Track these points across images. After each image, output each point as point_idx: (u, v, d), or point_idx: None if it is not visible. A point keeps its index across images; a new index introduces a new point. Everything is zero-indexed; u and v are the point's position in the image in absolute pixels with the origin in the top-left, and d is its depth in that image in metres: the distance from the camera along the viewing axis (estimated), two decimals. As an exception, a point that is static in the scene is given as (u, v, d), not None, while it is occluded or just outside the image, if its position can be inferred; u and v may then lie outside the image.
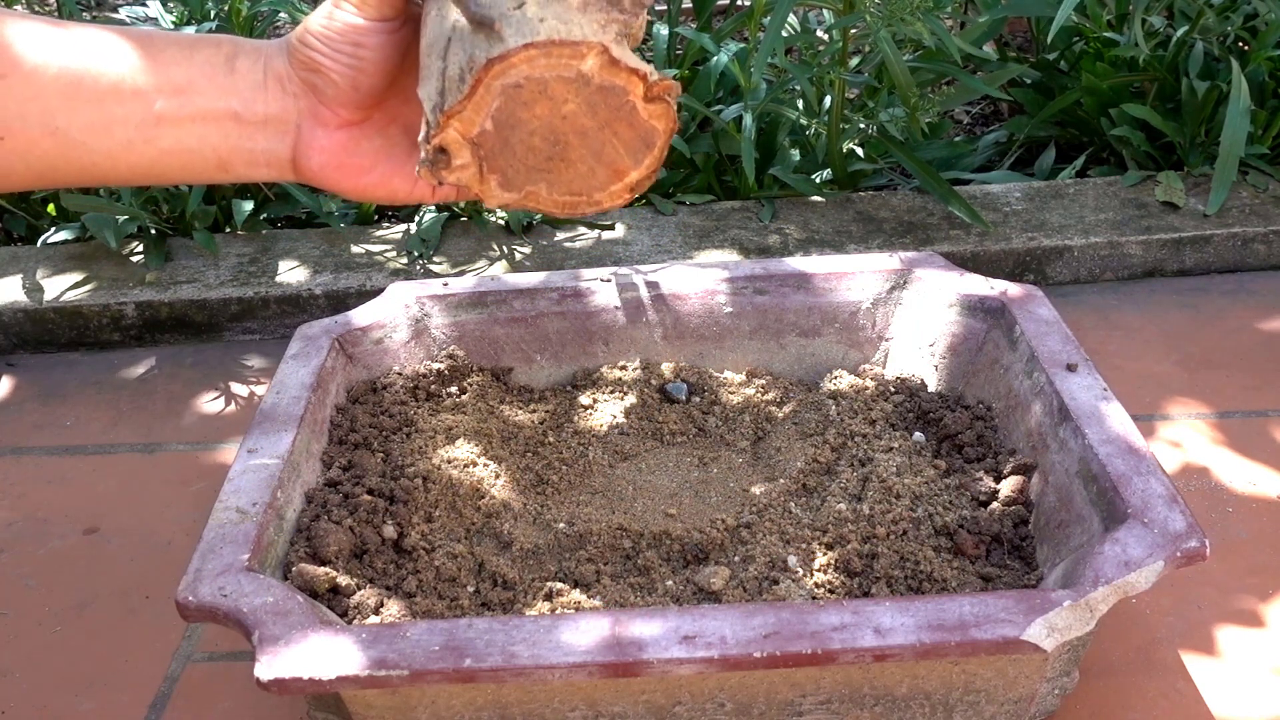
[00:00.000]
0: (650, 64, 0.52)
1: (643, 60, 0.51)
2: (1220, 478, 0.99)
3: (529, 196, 0.54)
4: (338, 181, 0.59)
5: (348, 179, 0.59)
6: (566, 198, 0.54)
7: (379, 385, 0.97)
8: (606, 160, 0.53)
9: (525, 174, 0.53)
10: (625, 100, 0.51)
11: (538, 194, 0.54)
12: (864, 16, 1.27)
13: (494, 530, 0.86)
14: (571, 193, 0.54)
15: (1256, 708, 0.78)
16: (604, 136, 0.52)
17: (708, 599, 0.78)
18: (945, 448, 0.91)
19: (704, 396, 1.00)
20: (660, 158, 0.54)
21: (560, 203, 0.54)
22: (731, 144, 1.46)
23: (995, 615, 0.64)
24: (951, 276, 0.99)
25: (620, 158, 0.53)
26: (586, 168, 0.53)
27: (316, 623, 0.66)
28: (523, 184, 0.53)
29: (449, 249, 1.36)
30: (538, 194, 0.54)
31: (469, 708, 0.68)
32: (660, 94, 0.52)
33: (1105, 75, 1.50)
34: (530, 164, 0.53)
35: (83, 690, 0.84)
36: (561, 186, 0.54)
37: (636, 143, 0.53)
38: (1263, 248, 1.33)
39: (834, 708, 0.69)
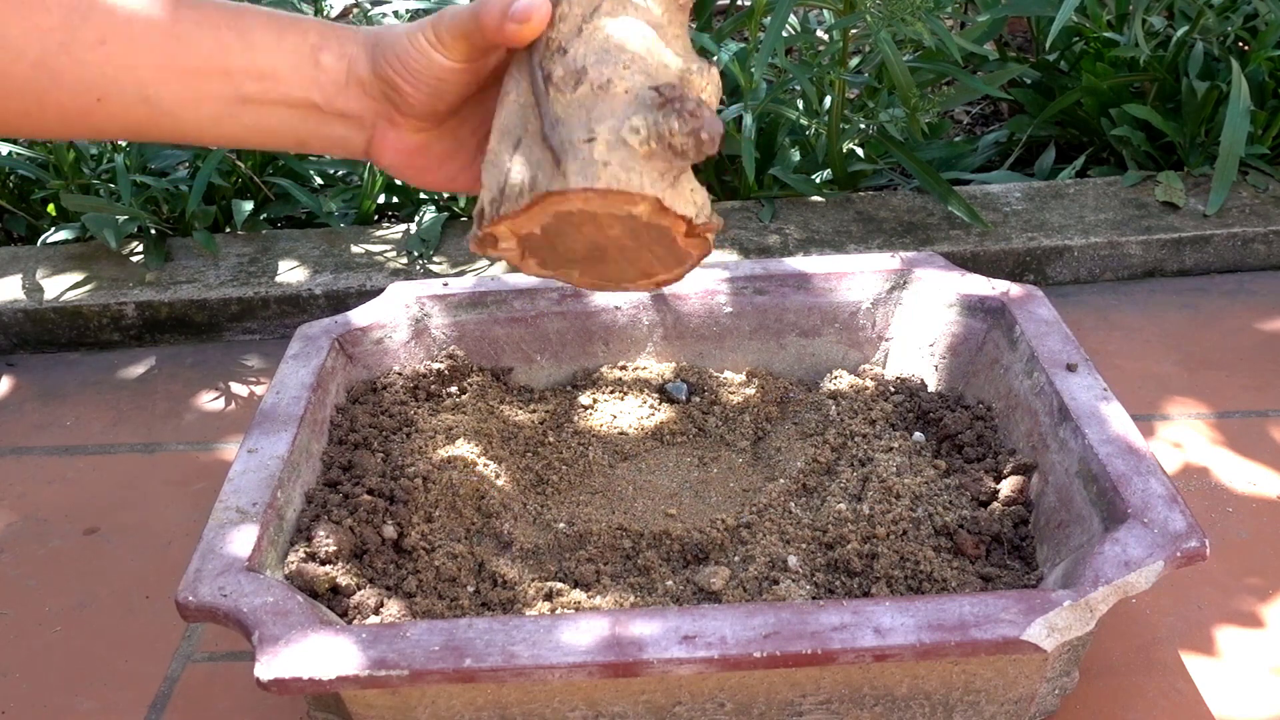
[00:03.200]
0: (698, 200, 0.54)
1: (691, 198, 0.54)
2: (1220, 478, 0.99)
3: (561, 274, 0.58)
4: (405, 175, 0.62)
5: (416, 175, 0.62)
6: (596, 281, 0.59)
7: (379, 385, 0.97)
8: (640, 266, 0.57)
9: (563, 263, 0.57)
10: (667, 233, 0.54)
11: (569, 275, 0.58)
12: (864, 17, 1.27)
13: (494, 530, 0.86)
14: (601, 279, 0.59)
15: (1256, 708, 0.78)
16: (641, 252, 0.56)
17: (708, 599, 0.78)
18: (945, 448, 0.91)
19: (704, 396, 1.00)
20: (690, 269, 0.58)
21: (589, 283, 0.59)
22: (731, 144, 1.46)
23: (995, 615, 0.64)
24: (951, 276, 0.99)
25: (653, 266, 0.57)
26: (618, 269, 0.57)
27: (316, 623, 0.66)
28: (558, 267, 0.57)
29: (449, 249, 1.36)
30: (569, 275, 0.58)
31: (469, 708, 0.68)
32: (702, 233, 0.54)
33: (1105, 75, 1.50)
34: (568, 257, 0.56)
35: (83, 690, 0.84)
36: (594, 275, 0.58)
37: (670, 259, 0.57)
38: (1263, 248, 1.33)
39: (834, 708, 0.69)
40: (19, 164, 1.42)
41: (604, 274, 0.58)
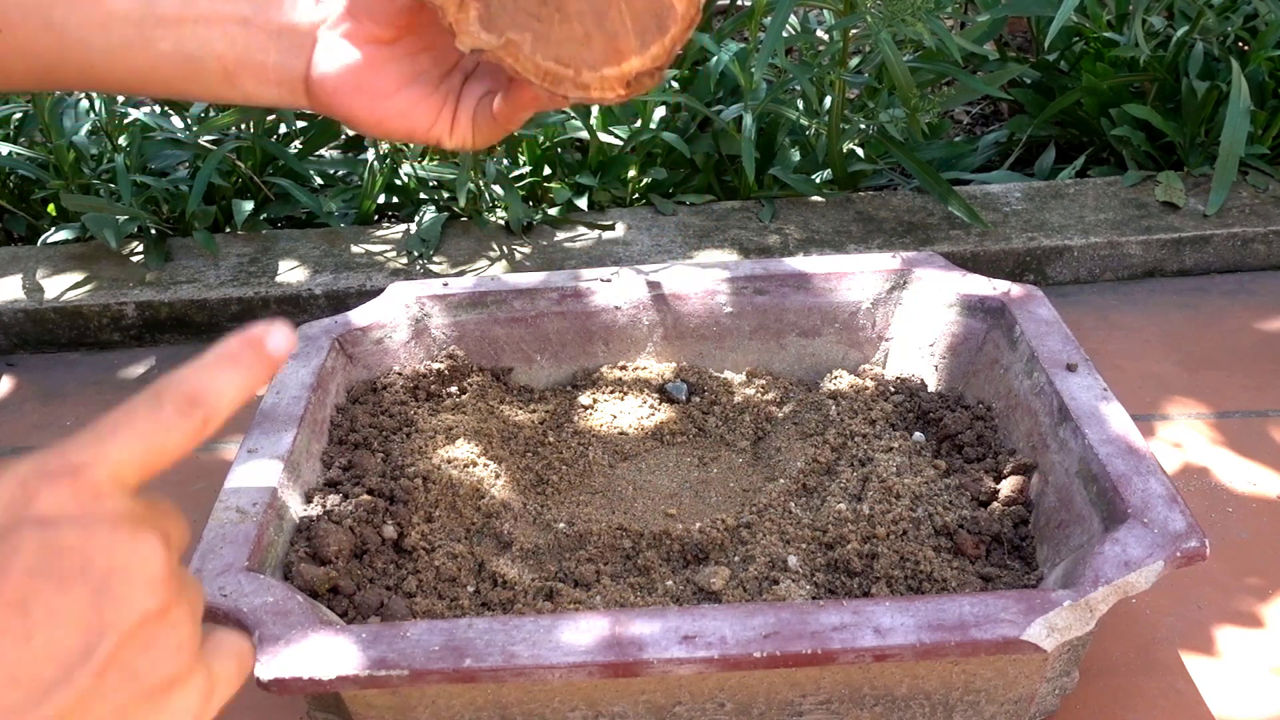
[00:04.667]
0: None
1: None
2: (1220, 478, 0.99)
3: (508, 47, 0.46)
4: (352, 106, 0.53)
5: (365, 102, 0.52)
6: (551, 65, 0.46)
7: (379, 385, 0.97)
8: (608, 29, 0.46)
9: (512, 15, 0.45)
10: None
11: (519, 47, 0.46)
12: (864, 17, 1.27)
13: (494, 530, 0.86)
14: (559, 61, 0.46)
15: (1256, 708, 0.78)
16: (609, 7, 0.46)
17: (708, 599, 0.78)
18: (945, 448, 0.91)
19: (704, 396, 1.00)
20: (671, 50, 0.46)
21: (542, 70, 0.46)
22: (732, 144, 1.46)
23: (995, 615, 0.64)
24: (951, 276, 0.99)
25: (625, 32, 0.46)
26: (583, 31, 0.46)
27: (316, 622, 0.66)
28: (506, 27, 0.45)
29: (449, 249, 1.36)
30: (519, 47, 0.46)
31: (469, 708, 0.68)
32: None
33: (1105, 75, 1.50)
34: (520, 4, 0.45)
35: (83, 690, 0.84)
36: (549, 47, 0.46)
37: (648, 19, 0.46)
38: (1263, 248, 1.33)
39: (834, 708, 0.69)
40: (19, 164, 1.42)
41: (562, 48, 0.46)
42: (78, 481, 0.33)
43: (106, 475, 0.34)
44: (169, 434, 0.36)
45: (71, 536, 0.32)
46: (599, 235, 1.37)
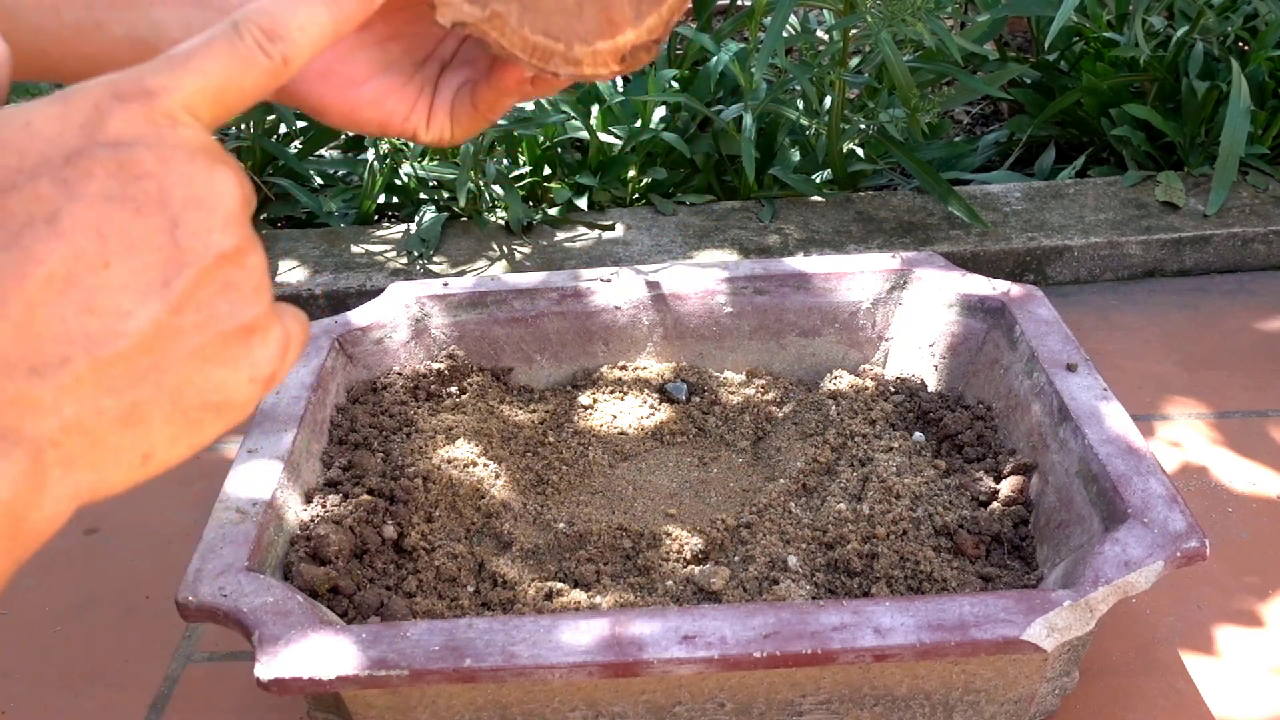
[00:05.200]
0: None
1: None
2: (1220, 478, 0.99)
3: (494, 19, 0.42)
4: (322, 94, 0.49)
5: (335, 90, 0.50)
6: (540, 39, 0.42)
7: (379, 385, 0.97)
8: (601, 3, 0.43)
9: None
10: None
11: (505, 19, 0.42)
12: (864, 17, 1.27)
13: (494, 530, 0.86)
14: (548, 34, 0.42)
15: (1256, 708, 0.78)
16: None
17: (708, 599, 0.78)
18: (945, 448, 0.91)
19: (704, 396, 1.00)
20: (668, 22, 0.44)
21: (530, 45, 0.42)
22: (731, 144, 1.46)
23: (995, 615, 0.64)
24: (951, 276, 0.99)
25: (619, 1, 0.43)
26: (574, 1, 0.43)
27: (316, 623, 0.66)
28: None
29: (449, 249, 1.36)
30: (505, 19, 0.42)
31: (469, 708, 0.68)
32: None
33: (1105, 75, 1.50)
34: None
35: (83, 690, 0.84)
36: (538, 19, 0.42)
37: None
38: (1263, 248, 1.33)
39: (834, 708, 0.69)
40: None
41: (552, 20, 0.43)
42: (152, 105, 0.32)
43: (180, 103, 0.32)
44: (246, 70, 0.34)
45: (147, 161, 0.31)
46: (599, 235, 1.37)
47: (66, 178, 0.30)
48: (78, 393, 0.30)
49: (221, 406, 0.32)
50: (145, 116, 0.31)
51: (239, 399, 0.33)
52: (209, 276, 0.31)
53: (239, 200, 0.32)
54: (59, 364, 0.29)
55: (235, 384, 0.33)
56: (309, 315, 1.36)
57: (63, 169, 0.30)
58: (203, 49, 0.33)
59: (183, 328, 0.31)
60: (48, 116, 0.31)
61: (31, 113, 0.31)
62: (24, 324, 0.29)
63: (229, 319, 0.32)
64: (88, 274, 0.30)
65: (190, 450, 0.33)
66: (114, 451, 0.31)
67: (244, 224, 0.32)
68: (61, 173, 0.30)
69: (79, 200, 0.30)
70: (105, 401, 0.30)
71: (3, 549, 0.30)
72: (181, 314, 0.31)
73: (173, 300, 0.31)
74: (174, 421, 0.32)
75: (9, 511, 0.29)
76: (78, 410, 0.30)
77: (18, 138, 0.30)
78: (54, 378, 0.29)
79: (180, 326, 0.31)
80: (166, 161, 0.31)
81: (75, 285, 0.29)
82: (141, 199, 0.30)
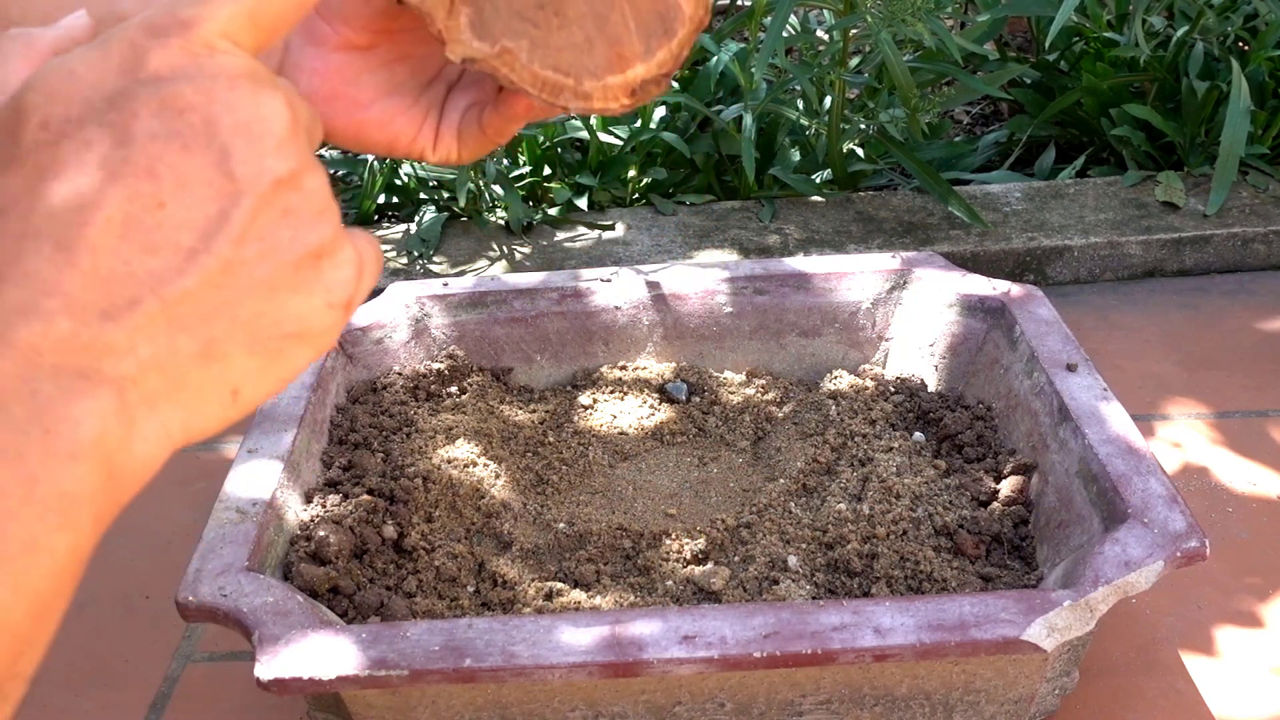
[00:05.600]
0: None
1: None
2: (1220, 478, 0.99)
3: (503, 55, 0.42)
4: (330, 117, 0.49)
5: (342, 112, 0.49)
6: (550, 74, 0.42)
7: (379, 385, 0.97)
8: (610, 34, 0.43)
9: (506, 20, 0.42)
10: None
11: (515, 55, 0.42)
12: (864, 17, 1.27)
13: (494, 530, 0.86)
14: (558, 69, 0.43)
15: (1256, 708, 0.78)
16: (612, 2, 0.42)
17: (708, 599, 0.78)
18: (945, 448, 0.91)
19: (704, 396, 1.00)
20: (678, 56, 0.43)
21: (540, 80, 0.42)
22: (732, 144, 1.46)
23: (995, 615, 0.64)
24: (951, 276, 0.99)
25: (628, 36, 0.43)
26: (583, 36, 0.42)
27: (316, 623, 0.66)
28: (500, 33, 0.42)
29: (449, 249, 1.36)
30: (515, 55, 0.42)
31: (469, 708, 0.68)
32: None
33: (1105, 75, 1.50)
34: (515, 7, 0.42)
35: (83, 690, 0.84)
36: (548, 55, 0.42)
37: (653, 21, 0.43)
38: (1263, 248, 1.33)
39: (834, 708, 0.69)
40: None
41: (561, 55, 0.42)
42: (189, 37, 0.31)
43: (218, 31, 0.32)
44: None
45: (189, 94, 0.31)
46: (599, 235, 1.37)
47: (111, 121, 0.30)
48: (151, 332, 0.30)
49: (303, 335, 0.33)
50: (183, 49, 0.31)
51: (319, 325, 0.33)
52: (267, 204, 0.31)
53: (288, 122, 0.32)
54: (128, 305, 0.30)
55: (312, 310, 0.33)
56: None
57: (107, 113, 0.30)
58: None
59: (246, 259, 0.31)
60: (88, 61, 0.31)
61: (74, 60, 0.31)
62: (90, 270, 0.29)
63: (294, 245, 0.32)
64: (145, 214, 0.30)
65: (279, 384, 0.33)
66: (197, 388, 0.31)
67: (298, 146, 0.32)
68: (106, 116, 0.30)
69: (128, 143, 0.30)
70: (180, 339, 0.31)
71: (102, 489, 0.30)
72: (243, 245, 0.31)
73: (233, 232, 0.31)
74: (256, 354, 0.32)
75: (101, 449, 0.30)
76: (154, 349, 0.30)
77: (65, 86, 0.30)
78: (126, 319, 0.30)
79: (244, 258, 0.31)
80: (208, 92, 0.31)
81: (134, 227, 0.30)
82: (188, 134, 0.30)
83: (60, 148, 0.30)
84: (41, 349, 0.29)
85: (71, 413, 0.29)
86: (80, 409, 0.29)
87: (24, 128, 0.30)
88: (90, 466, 0.30)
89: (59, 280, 0.29)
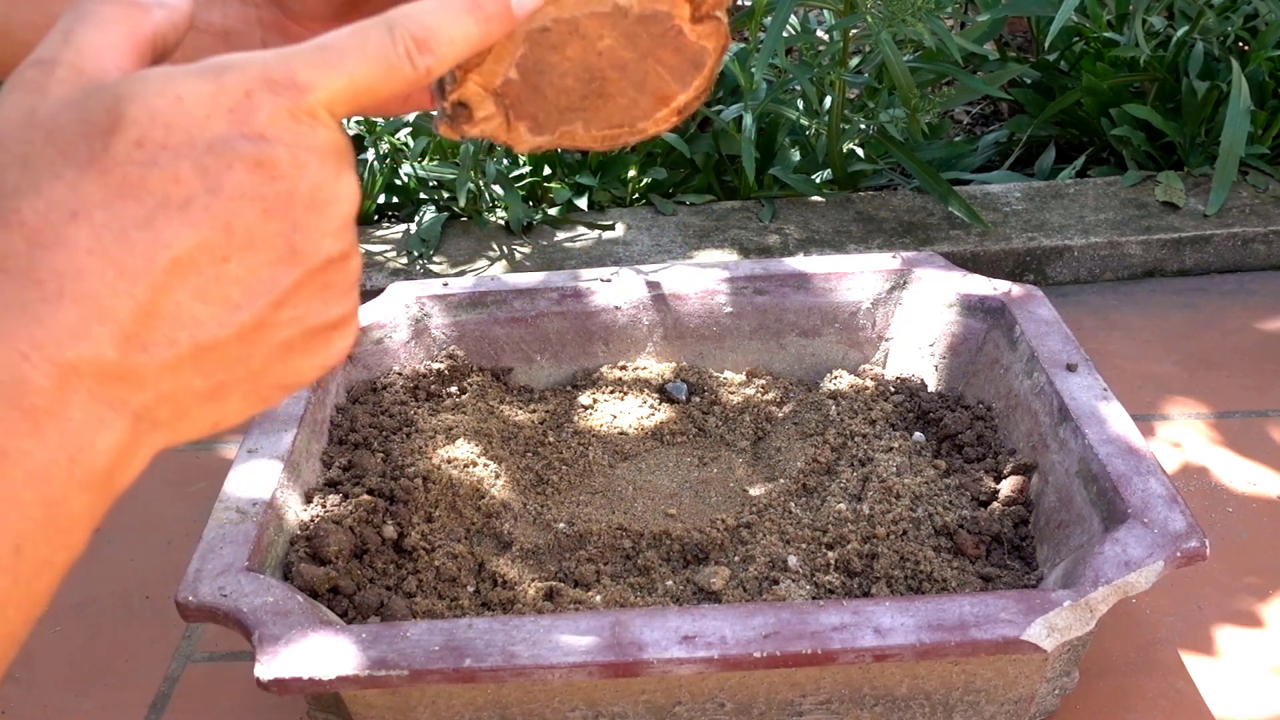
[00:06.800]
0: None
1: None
2: (1220, 478, 0.99)
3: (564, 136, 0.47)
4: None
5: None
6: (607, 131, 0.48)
7: (379, 385, 0.97)
8: (650, 89, 0.47)
9: (558, 115, 0.47)
10: (670, 26, 0.45)
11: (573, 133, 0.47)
12: (864, 17, 1.27)
13: (494, 530, 0.86)
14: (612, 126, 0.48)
15: (1256, 708, 0.78)
16: (646, 66, 0.46)
17: (708, 599, 0.78)
18: (945, 448, 0.91)
19: (704, 396, 1.00)
20: (711, 77, 0.48)
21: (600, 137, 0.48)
22: (732, 144, 1.46)
23: (995, 615, 0.64)
24: (951, 276, 0.99)
25: (666, 84, 0.47)
26: (628, 100, 0.47)
27: (316, 623, 0.66)
28: (556, 126, 0.47)
29: (449, 249, 1.36)
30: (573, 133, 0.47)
31: (469, 708, 0.68)
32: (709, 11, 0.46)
33: (1105, 75, 1.50)
34: (563, 105, 0.47)
35: (83, 690, 0.84)
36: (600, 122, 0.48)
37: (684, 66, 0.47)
38: (1263, 248, 1.33)
39: (834, 708, 0.69)
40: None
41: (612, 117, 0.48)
42: (299, 103, 0.32)
43: (324, 101, 0.33)
44: (391, 77, 0.34)
45: (285, 162, 0.32)
46: (599, 235, 1.37)
47: (207, 166, 0.31)
48: (177, 371, 0.31)
49: (291, 386, 0.35)
50: (291, 113, 0.32)
51: (307, 380, 0.35)
52: (313, 279, 0.33)
53: (354, 206, 0.33)
54: (167, 344, 0.31)
55: (309, 369, 0.34)
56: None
57: (205, 155, 0.31)
58: (356, 49, 0.33)
59: (278, 322, 0.33)
60: (199, 95, 0.31)
61: (184, 85, 0.31)
62: (145, 304, 0.30)
63: (320, 316, 0.34)
64: (208, 264, 0.31)
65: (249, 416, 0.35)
66: (193, 420, 0.33)
67: (352, 229, 0.34)
68: (203, 159, 0.31)
69: (215, 193, 0.31)
70: (197, 381, 0.32)
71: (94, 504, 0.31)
72: (281, 310, 0.32)
73: (277, 297, 0.32)
74: (248, 397, 0.34)
75: (107, 474, 0.31)
76: (173, 386, 0.32)
77: (168, 111, 0.31)
78: (159, 355, 0.31)
79: (277, 321, 0.33)
80: (301, 166, 0.32)
81: (195, 273, 0.31)
82: (271, 200, 0.31)
83: (150, 173, 0.30)
84: (83, 372, 0.30)
85: (95, 444, 0.30)
86: (102, 440, 0.31)
87: (117, 137, 0.30)
88: (97, 494, 0.31)
89: (114, 308, 0.30)
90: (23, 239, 0.30)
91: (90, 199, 0.30)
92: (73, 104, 0.31)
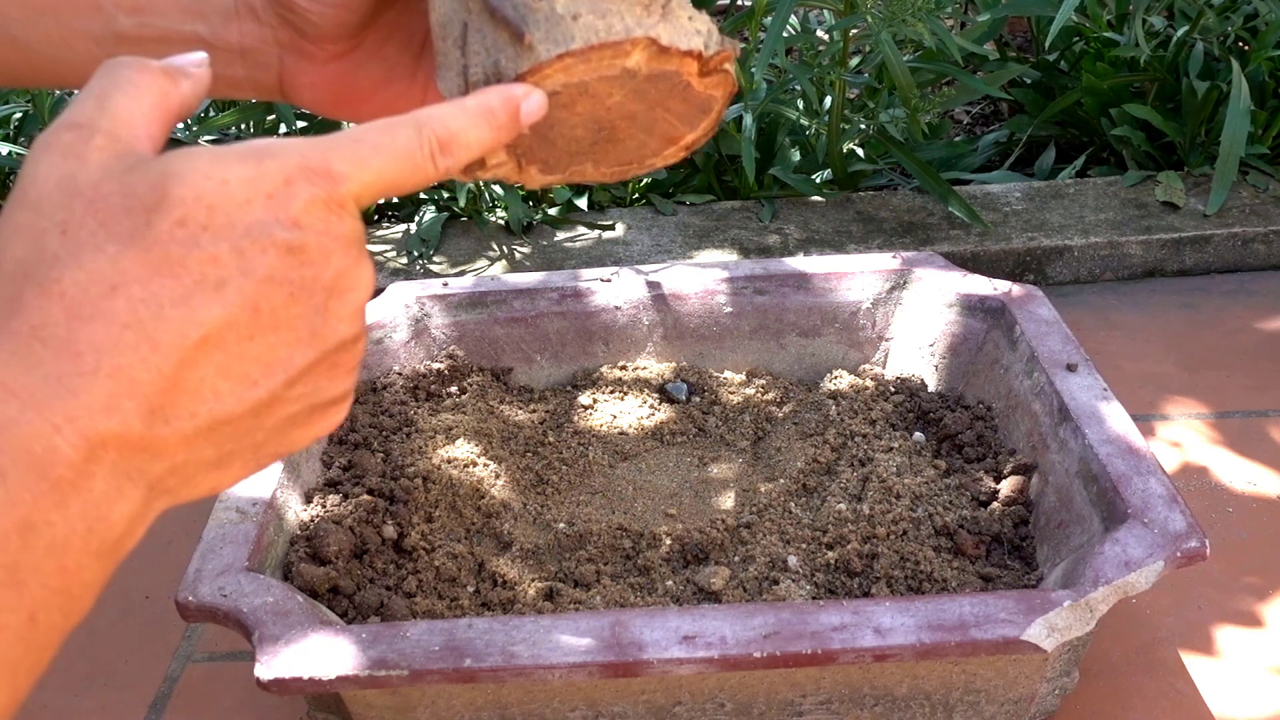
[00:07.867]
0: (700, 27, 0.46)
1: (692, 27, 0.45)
2: (1220, 478, 0.99)
3: (574, 174, 0.49)
4: (336, 113, 0.53)
5: (346, 110, 0.53)
6: (616, 169, 0.50)
7: (379, 385, 0.97)
8: (659, 133, 0.49)
9: (568, 159, 0.48)
10: (678, 81, 0.46)
11: (583, 172, 0.49)
12: (864, 17, 1.27)
13: (494, 530, 0.86)
14: (621, 164, 0.50)
15: (1256, 708, 0.78)
16: (655, 115, 0.47)
17: (708, 599, 0.78)
18: (945, 448, 0.91)
19: (704, 396, 1.00)
20: (719, 118, 0.49)
21: (609, 174, 0.50)
22: (731, 144, 1.46)
23: (995, 615, 0.64)
24: (951, 276, 0.99)
25: (674, 127, 0.49)
26: (636, 143, 0.49)
27: (316, 623, 0.66)
28: (566, 167, 0.49)
29: (449, 249, 1.36)
30: (583, 172, 0.49)
31: (469, 708, 0.68)
32: (717, 66, 0.46)
33: (1105, 75, 1.50)
34: (574, 150, 0.48)
35: (83, 690, 0.84)
36: (610, 161, 0.50)
37: (692, 112, 0.48)
38: (1263, 248, 1.33)
39: (834, 708, 0.69)
40: (19, 164, 1.42)
41: (620, 157, 0.49)
42: (333, 193, 0.33)
43: (354, 193, 0.34)
44: (415, 174, 0.36)
45: (314, 250, 0.33)
46: (599, 235, 1.37)
47: (243, 249, 0.32)
48: (193, 442, 0.33)
49: (284, 454, 0.36)
50: (324, 203, 0.33)
51: (300, 448, 0.36)
52: (326, 359, 0.34)
53: (369, 293, 0.35)
54: (188, 417, 0.32)
55: (306, 439, 0.36)
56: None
57: (243, 239, 0.32)
58: (388, 145, 0.35)
59: (289, 398, 0.34)
60: (242, 179, 0.32)
61: (228, 168, 0.32)
62: (173, 380, 0.31)
63: (325, 393, 0.35)
64: (234, 342, 0.32)
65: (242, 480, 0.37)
66: (196, 486, 0.35)
67: (364, 314, 0.35)
68: (240, 243, 0.32)
69: (248, 275, 0.32)
70: (208, 451, 0.33)
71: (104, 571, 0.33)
72: (293, 387, 0.34)
73: (291, 375, 0.34)
74: (248, 465, 0.35)
75: (118, 542, 0.33)
76: (186, 457, 0.33)
77: (213, 194, 0.32)
78: (180, 427, 0.32)
79: (287, 397, 0.34)
80: (328, 254, 0.33)
81: (221, 350, 0.32)
82: (299, 285, 0.33)
83: (190, 254, 0.31)
84: (109, 444, 0.31)
85: (111, 515, 0.32)
86: (118, 512, 0.32)
87: (161, 214, 0.31)
88: (108, 561, 0.32)
89: (143, 383, 0.31)
90: (62, 310, 0.30)
91: (130, 274, 0.31)
92: (113, 175, 0.32)
